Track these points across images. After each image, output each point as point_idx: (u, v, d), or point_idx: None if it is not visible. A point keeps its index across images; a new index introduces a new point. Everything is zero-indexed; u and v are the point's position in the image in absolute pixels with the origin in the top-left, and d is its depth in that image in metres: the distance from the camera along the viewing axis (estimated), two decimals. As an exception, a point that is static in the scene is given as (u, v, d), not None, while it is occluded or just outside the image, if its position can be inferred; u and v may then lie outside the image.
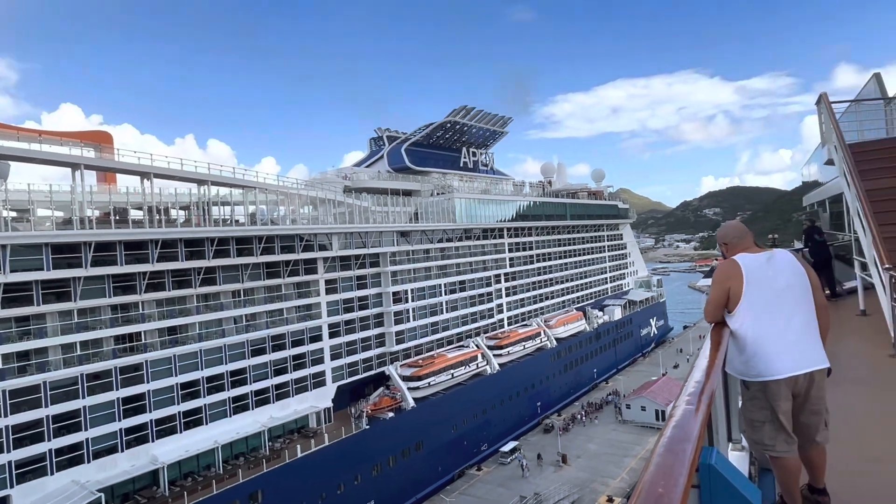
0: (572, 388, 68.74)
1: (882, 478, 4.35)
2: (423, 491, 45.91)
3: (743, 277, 3.65)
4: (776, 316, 3.60)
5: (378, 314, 49.75)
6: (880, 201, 10.28)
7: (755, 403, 3.62)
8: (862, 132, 15.67)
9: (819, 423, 3.66)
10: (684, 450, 1.81)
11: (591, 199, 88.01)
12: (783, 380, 3.51)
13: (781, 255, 3.83)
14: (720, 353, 3.28)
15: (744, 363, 3.64)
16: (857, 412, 5.89)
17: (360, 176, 59.75)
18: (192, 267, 36.07)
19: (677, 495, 1.49)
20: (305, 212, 46.03)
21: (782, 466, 3.57)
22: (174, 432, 34.82)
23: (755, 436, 3.64)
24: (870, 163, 11.71)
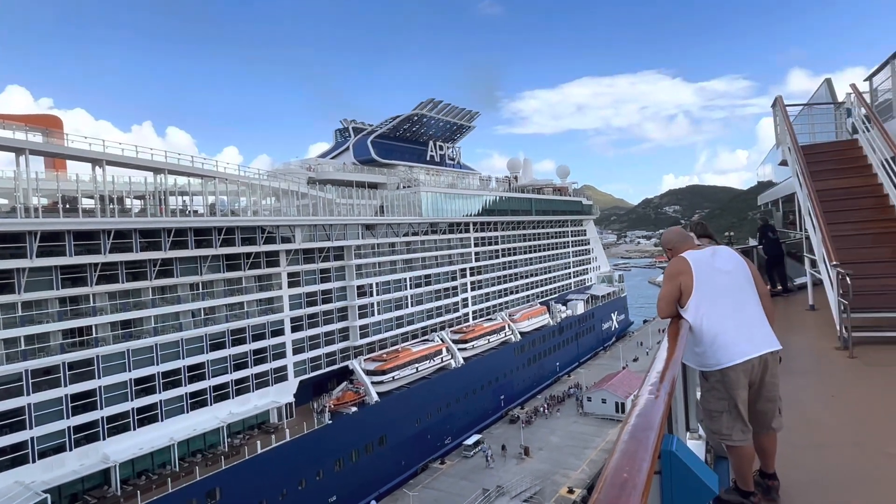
0: (535, 381, 69.58)
1: (825, 462, 4.57)
2: (387, 485, 45.66)
3: (692, 272, 3.84)
4: (727, 305, 3.78)
5: (342, 308, 49.05)
6: (829, 201, 10.56)
7: (714, 394, 3.76)
8: (813, 134, 16.19)
9: (774, 411, 3.85)
10: (647, 437, 1.87)
11: (556, 195, 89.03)
12: (741, 367, 3.65)
13: (723, 249, 4.09)
14: (679, 345, 3.36)
15: (701, 354, 3.78)
16: (804, 401, 6.10)
17: (325, 167, 58.62)
18: (147, 258, 34.64)
19: (641, 480, 1.54)
20: (268, 203, 44.86)
21: (738, 454, 3.73)
22: (127, 430, 33.46)
23: (713, 426, 3.78)
24: (820, 164, 12.03)
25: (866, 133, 11.63)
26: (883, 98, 12.44)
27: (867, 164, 11.44)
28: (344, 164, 61.28)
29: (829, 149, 13.35)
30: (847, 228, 10.05)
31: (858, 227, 10.26)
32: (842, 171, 11.91)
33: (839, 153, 12.64)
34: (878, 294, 8.59)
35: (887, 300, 8.62)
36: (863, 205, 10.79)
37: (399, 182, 61.00)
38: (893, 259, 9.51)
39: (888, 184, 10.28)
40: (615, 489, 1.52)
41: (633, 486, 1.52)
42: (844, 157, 12.29)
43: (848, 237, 9.73)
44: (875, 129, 11.00)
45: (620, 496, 1.47)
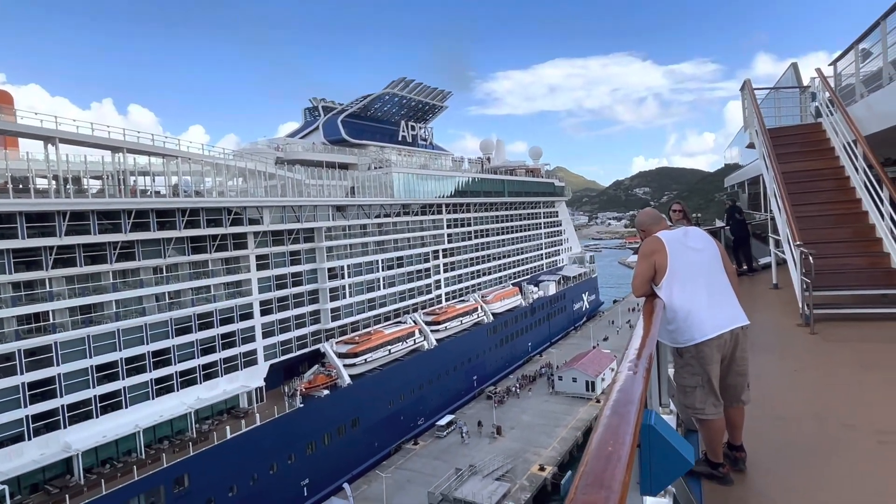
0: (508, 361, 70.39)
1: (786, 434, 4.79)
2: (360, 467, 45.79)
3: (666, 250, 3.97)
4: (699, 283, 3.93)
5: (312, 291, 48.41)
6: (794, 183, 10.69)
7: (688, 370, 3.91)
8: (779, 118, 16.41)
9: (743, 385, 4.03)
10: (629, 411, 1.94)
11: (529, 176, 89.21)
12: (714, 341, 3.80)
13: (694, 230, 4.25)
14: (654, 322, 3.45)
15: (675, 331, 3.92)
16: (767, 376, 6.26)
17: (294, 147, 57.33)
18: (107, 241, 33.34)
19: (625, 452, 1.61)
20: (235, 184, 43.63)
21: (710, 428, 3.91)
22: (89, 417, 32.48)
23: (686, 401, 3.95)
24: (785, 147, 12.15)
25: (830, 117, 11.77)
26: (846, 83, 12.62)
27: (830, 146, 11.59)
28: (313, 144, 60.00)
29: (795, 132, 13.50)
30: (810, 209, 10.19)
31: (821, 209, 10.42)
32: (806, 153, 12.05)
33: (804, 136, 12.78)
34: (837, 273, 8.81)
35: (846, 278, 8.84)
36: (825, 186, 10.95)
37: (370, 163, 60.09)
38: (853, 239, 9.71)
39: (849, 166, 10.43)
40: (601, 461, 1.57)
41: (618, 458, 1.58)
42: (808, 140, 12.44)
43: (811, 218, 9.88)
44: (838, 113, 11.13)
45: (606, 468, 1.52)
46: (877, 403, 5.45)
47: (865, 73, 11.42)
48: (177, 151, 38.00)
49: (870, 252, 9.20)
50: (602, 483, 1.45)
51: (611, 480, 1.46)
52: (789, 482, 3.97)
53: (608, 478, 1.48)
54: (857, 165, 9.90)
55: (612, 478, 1.48)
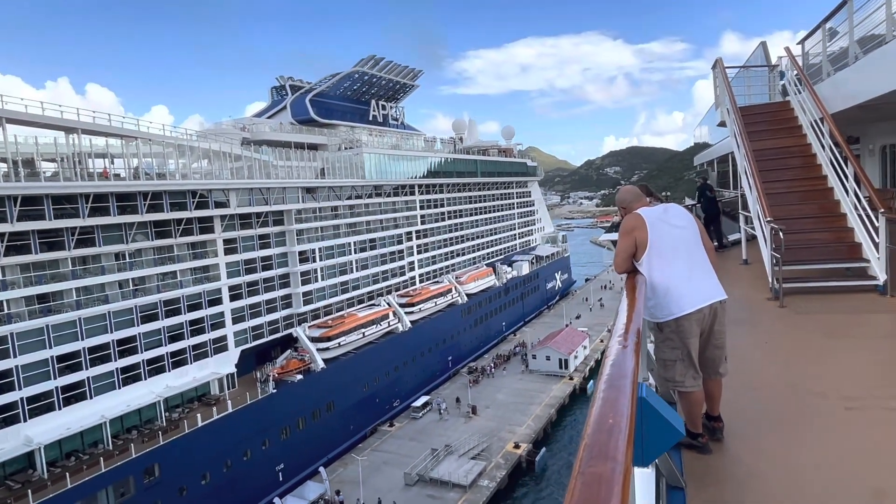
0: (482, 341, 71.01)
1: (762, 403, 5.01)
2: (336, 450, 45.82)
3: (647, 227, 4.04)
4: (679, 259, 4.03)
5: (283, 275, 47.65)
6: (763, 160, 10.86)
7: (668, 344, 4.03)
8: (749, 96, 16.59)
9: (721, 357, 4.17)
10: (624, 384, 1.99)
11: (502, 156, 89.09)
12: (693, 316, 3.92)
13: (674, 206, 4.35)
14: (638, 298, 3.53)
15: (654, 306, 4.02)
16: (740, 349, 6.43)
17: (261, 127, 55.84)
18: (63, 227, 31.98)
19: (625, 423, 1.66)
20: (199, 166, 42.26)
21: (689, 399, 4.05)
22: (52, 409, 31.47)
23: (667, 374, 4.07)
24: (755, 125, 12.33)
25: (797, 95, 11.88)
26: (813, 61, 12.73)
27: (798, 124, 11.74)
28: (281, 124, 58.53)
29: (763, 110, 13.69)
30: (779, 186, 10.43)
31: (789, 185, 10.65)
32: (775, 131, 12.23)
33: (772, 114, 12.97)
34: (805, 248, 9.07)
35: (813, 253, 9.12)
36: (793, 164, 11.14)
37: (340, 143, 59.02)
38: (819, 215, 9.93)
39: (816, 144, 10.54)
40: (604, 434, 1.60)
41: (620, 429, 1.62)
42: (777, 118, 12.61)
43: (779, 195, 10.11)
44: (805, 92, 11.22)
45: (609, 440, 1.56)
46: (843, 372, 5.70)
47: (832, 51, 11.50)
48: (136, 132, 36.56)
49: (835, 227, 9.53)
50: (607, 455, 1.48)
51: (615, 451, 1.49)
52: (764, 448, 4.14)
53: (612, 449, 1.51)
54: (824, 143, 10.02)
55: (616, 449, 1.51)
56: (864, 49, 9.40)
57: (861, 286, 8.42)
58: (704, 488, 3.63)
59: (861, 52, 9.48)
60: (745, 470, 3.92)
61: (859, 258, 8.72)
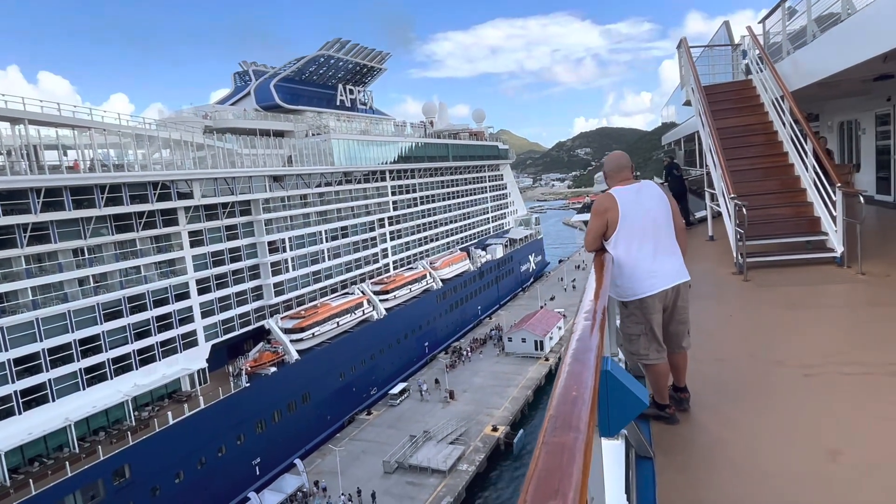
0: (458, 325, 71.35)
1: (723, 375, 5.21)
2: (313, 441, 45.67)
3: (619, 208, 4.15)
4: (646, 240, 4.16)
5: (253, 266, 46.81)
6: (728, 138, 11.04)
7: (632, 319, 4.24)
8: (713, 76, 16.81)
9: (684, 332, 4.37)
10: (589, 358, 2.07)
11: (473, 139, 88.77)
12: (656, 295, 4.12)
13: (648, 187, 4.40)
14: (605, 276, 3.67)
15: (621, 286, 4.20)
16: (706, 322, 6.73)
17: (224, 115, 54.29)
18: (13, 223, 30.61)
19: (588, 395, 1.72)
20: (160, 156, 40.88)
21: (654, 372, 4.25)
22: (10, 415, 30.37)
23: (632, 348, 4.28)
24: (719, 103, 12.53)
25: (759, 74, 12.00)
26: (774, 40, 12.86)
27: (760, 102, 11.90)
28: (245, 111, 57.01)
29: (727, 89, 13.88)
30: (742, 164, 10.70)
31: (751, 162, 10.90)
32: (738, 109, 12.42)
33: (735, 93, 13.17)
34: (766, 223, 9.38)
35: (775, 228, 9.45)
36: (755, 141, 11.33)
37: (307, 129, 57.89)
38: (780, 190, 10.17)
39: (777, 121, 10.68)
40: (567, 405, 1.66)
41: (583, 401, 1.68)
42: (740, 96, 12.80)
43: (742, 171, 10.40)
44: (767, 70, 11.35)
45: (573, 411, 1.62)
46: (802, 341, 5.97)
47: (791, 30, 11.63)
48: (89, 122, 35.10)
49: (795, 202, 9.87)
50: (570, 425, 1.52)
51: (578, 422, 1.54)
52: (729, 416, 4.35)
53: (575, 419, 1.55)
54: (784, 120, 10.15)
55: (578, 419, 1.56)
56: (821, 27, 9.49)
57: (820, 258, 8.75)
58: (672, 457, 3.79)
59: (818, 30, 9.58)
60: (710, 438, 4.10)
61: (819, 232, 9.04)
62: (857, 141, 13.74)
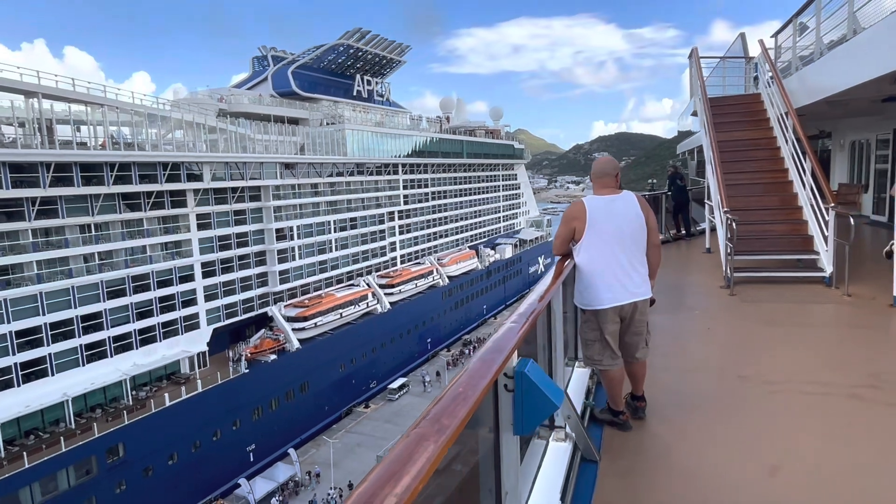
0: (462, 324, 71.35)
1: (690, 385, 5.29)
2: (309, 430, 46.00)
3: (586, 218, 4.22)
4: (608, 253, 4.20)
5: (259, 252, 47.15)
6: (730, 151, 10.98)
7: (588, 325, 4.36)
8: (725, 87, 16.73)
9: (640, 343, 4.39)
10: (493, 359, 2.12)
11: (489, 137, 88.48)
12: (611, 308, 4.20)
13: (623, 199, 4.33)
14: (559, 282, 3.79)
15: (579, 292, 4.34)
16: (684, 332, 6.88)
17: (240, 98, 54.78)
18: (22, 196, 31.10)
19: (474, 395, 1.76)
20: (172, 137, 41.27)
21: (608, 377, 4.35)
22: (10, 386, 30.98)
23: (587, 352, 4.41)
24: (727, 116, 12.51)
25: (768, 88, 11.86)
26: (785, 55, 12.73)
27: (766, 117, 11.73)
28: (260, 96, 57.46)
29: (736, 101, 13.81)
30: (742, 178, 10.75)
31: (752, 177, 10.89)
32: (744, 123, 12.34)
33: (744, 106, 13.13)
34: (760, 239, 9.46)
35: (767, 244, 9.53)
36: (759, 156, 11.26)
37: (322, 118, 58.13)
38: (777, 207, 10.16)
39: (781, 137, 10.53)
40: (448, 401, 1.71)
41: (465, 398, 1.73)
42: (748, 110, 12.75)
43: (742, 185, 10.44)
44: (775, 85, 11.21)
45: (449, 407, 1.66)
46: (771, 357, 6.04)
47: (801, 46, 11.50)
48: (102, 99, 35.51)
49: (791, 219, 9.94)
50: (440, 420, 1.57)
51: (450, 418, 1.58)
52: (683, 428, 4.44)
53: (448, 415, 1.60)
54: (787, 137, 10.01)
55: (451, 415, 1.60)
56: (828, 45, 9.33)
57: (809, 277, 8.80)
58: (617, 461, 3.89)
59: (825, 47, 9.41)
60: (659, 445, 4.20)
61: (811, 250, 9.07)
62: (868, 161, 13.50)
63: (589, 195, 4.43)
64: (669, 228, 15.55)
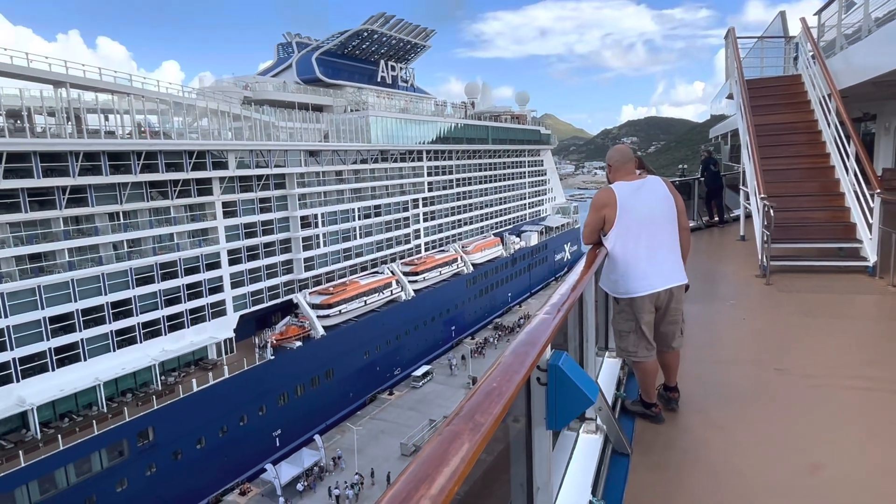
0: (487, 311, 71.28)
1: (724, 377, 5.19)
2: (334, 416, 46.70)
3: (617, 205, 4.13)
4: (643, 239, 4.13)
5: (285, 240, 47.72)
6: (768, 135, 10.57)
7: (622, 316, 4.27)
8: (763, 69, 16.05)
9: (676, 332, 4.34)
10: (527, 352, 2.08)
11: (515, 123, 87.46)
12: (647, 295, 4.12)
13: (651, 183, 4.30)
14: (591, 271, 3.72)
15: (615, 281, 4.22)
16: (718, 323, 6.74)
17: (264, 86, 55.09)
18: (53, 185, 31.96)
19: (509, 389, 1.73)
20: (197, 125, 41.81)
21: (642, 369, 4.29)
22: (45, 370, 32.17)
23: (621, 344, 4.34)
24: (765, 98, 12.06)
25: (809, 69, 11.31)
26: (828, 34, 12.10)
27: (807, 100, 11.22)
28: (284, 83, 57.67)
29: (774, 83, 13.29)
30: (780, 163, 10.43)
31: (790, 162, 10.50)
32: (783, 106, 11.89)
33: (783, 88, 12.67)
34: (798, 226, 9.17)
35: (805, 232, 9.22)
36: (797, 140, 10.81)
37: (346, 105, 58.16)
38: (818, 193, 9.80)
39: (822, 120, 10.02)
40: (481, 396, 1.68)
41: (500, 394, 1.69)
42: (787, 92, 12.29)
43: (780, 171, 10.12)
44: (817, 66, 10.67)
45: (484, 401, 1.63)
46: (812, 350, 5.84)
47: (847, 24, 10.91)
48: (128, 87, 36.10)
49: (832, 206, 9.53)
50: (473, 417, 1.54)
51: (484, 415, 1.54)
52: (717, 421, 4.33)
53: (481, 412, 1.56)
54: (830, 120, 9.52)
55: (485, 412, 1.57)
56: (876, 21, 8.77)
57: (851, 267, 8.51)
58: (649, 455, 3.83)
59: (874, 24, 8.84)
60: (692, 439, 4.11)
61: (853, 239, 8.73)
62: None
63: (617, 182, 4.32)
64: (702, 215, 15.16)
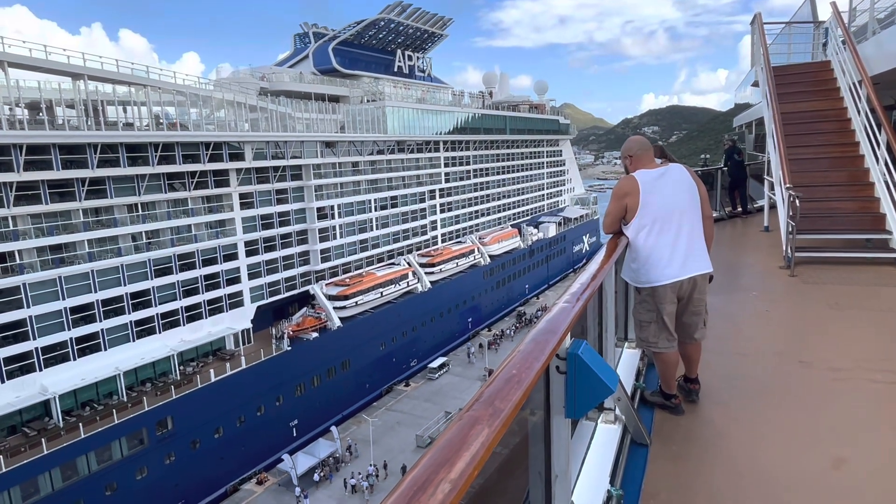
0: (504, 303, 71.00)
1: (744, 370, 5.13)
2: (351, 407, 47.00)
3: (639, 193, 4.09)
4: (666, 227, 4.08)
5: (301, 231, 47.93)
6: (794, 124, 10.21)
7: (644, 306, 4.25)
8: (790, 55, 15.45)
9: (699, 323, 4.30)
10: (547, 340, 2.08)
11: (533, 112, 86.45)
12: (669, 284, 4.08)
13: (674, 171, 4.25)
14: (611, 260, 3.68)
15: (636, 270, 4.20)
16: (740, 314, 6.64)
17: (281, 77, 55.14)
18: (73, 177, 32.40)
19: (528, 377, 1.74)
20: (213, 116, 42.03)
21: (662, 360, 4.27)
22: (67, 360, 32.90)
23: (642, 334, 4.33)
24: (792, 86, 11.71)
25: (839, 55, 10.78)
26: (860, 18, 11.51)
27: (836, 87, 10.78)
28: (301, 74, 57.72)
29: (802, 70, 12.85)
30: (807, 152, 10.27)
31: (817, 151, 10.23)
32: (811, 93, 11.56)
33: (811, 75, 12.31)
34: (824, 217, 8.97)
35: (832, 223, 9.01)
36: (825, 128, 10.44)
37: (363, 95, 57.97)
38: (846, 183, 9.48)
39: (852, 108, 9.54)
40: (501, 383, 1.68)
41: (519, 381, 1.70)
42: (815, 79, 11.95)
43: (807, 160, 9.86)
44: (847, 52, 10.15)
45: (504, 388, 1.65)
46: (835, 343, 5.75)
47: (880, 7, 10.37)
48: (145, 80, 36.37)
49: (860, 196, 9.27)
50: (493, 402, 1.55)
51: (503, 401, 1.56)
52: (738, 414, 4.29)
53: (501, 398, 1.58)
54: (860, 107, 9.06)
55: (505, 398, 1.58)
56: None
57: (880, 258, 8.33)
58: (668, 446, 3.82)
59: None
60: (712, 431, 4.09)
61: (881, 230, 8.50)
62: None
63: (639, 170, 4.24)
64: (725, 205, 14.77)
